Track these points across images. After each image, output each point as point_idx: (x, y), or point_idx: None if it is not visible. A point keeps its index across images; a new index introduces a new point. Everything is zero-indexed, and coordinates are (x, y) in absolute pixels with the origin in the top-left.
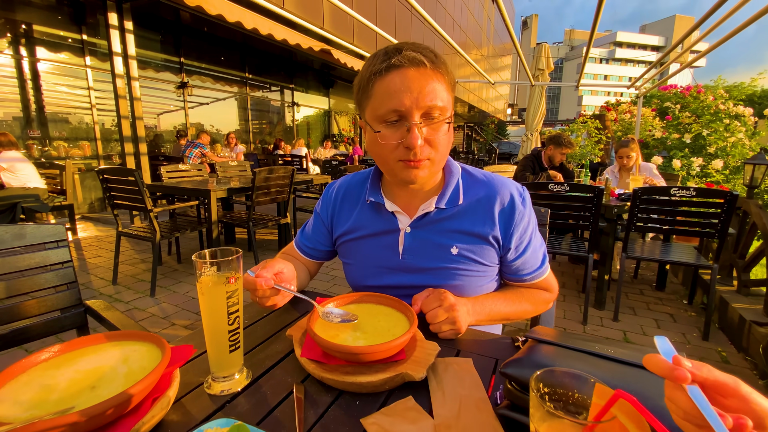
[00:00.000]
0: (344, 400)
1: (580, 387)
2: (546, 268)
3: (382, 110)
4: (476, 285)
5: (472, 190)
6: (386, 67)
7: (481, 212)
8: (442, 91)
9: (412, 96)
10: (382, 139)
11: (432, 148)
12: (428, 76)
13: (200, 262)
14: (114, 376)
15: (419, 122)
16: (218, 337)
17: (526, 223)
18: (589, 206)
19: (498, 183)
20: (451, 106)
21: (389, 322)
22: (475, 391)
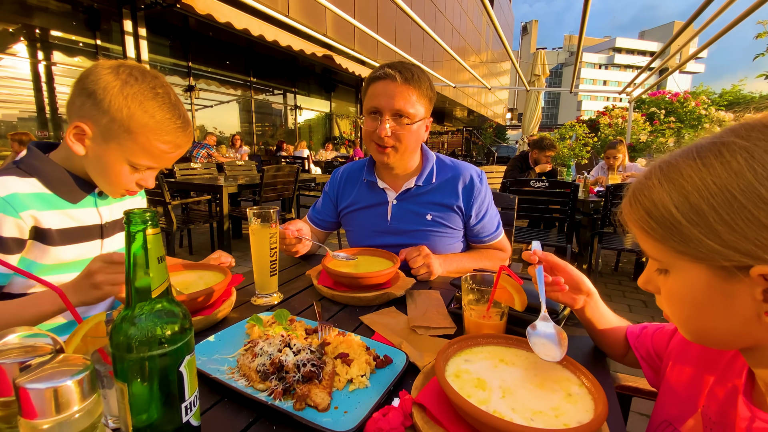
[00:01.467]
0: (348, 309)
1: (490, 283)
2: (500, 232)
3: (368, 105)
4: (446, 244)
5: (442, 173)
6: (376, 77)
7: (449, 188)
8: (411, 101)
9: (387, 99)
10: (364, 125)
11: (396, 140)
12: (401, 89)
13: (251, 212)
14: (198, 285)
15: (388, 119)
16: (262, 264)
17: (483, 197)
18: (566, 201)
19: (462, 167)
20: (422, 113)
21: (379, 264)
22: (437, 304)
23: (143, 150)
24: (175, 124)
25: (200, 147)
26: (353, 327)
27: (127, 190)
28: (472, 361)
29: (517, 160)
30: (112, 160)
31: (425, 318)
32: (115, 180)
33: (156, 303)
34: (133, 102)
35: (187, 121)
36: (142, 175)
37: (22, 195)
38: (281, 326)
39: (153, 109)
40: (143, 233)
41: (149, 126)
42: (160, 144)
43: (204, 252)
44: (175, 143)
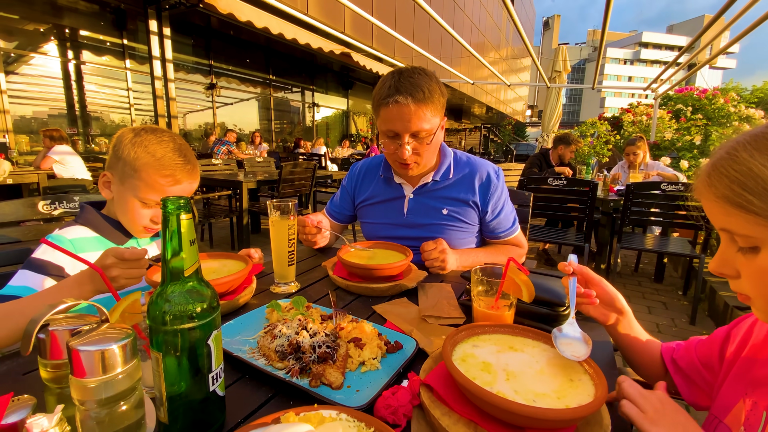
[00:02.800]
0: (362, 299)
1: (497, 276)
2: (516, 228)
3: (383, 128)
4: (460, 238)
5: (459, 169)
6: (385, 102)
7: (466, 184)
8: (427, 118)
9: (402, 124)
10: (383, 147)
11: (418, 155)
12: (414, 111)
13: (271, 205)
14: (222, 272)
15: (408, 141)
16: (281, 254)
17: (500, 193)
18: (585, 199)
19: (479, 164)
20: (438, 123)
21: (392, 256)
22: (448, 296)
23: (147, 185)
24: (174, 161)
25: (221, 144)
26: (366, 315)
27: (145, 227)
28: (479, 347)
29: (536, 157)
30: (126, 198)
31: (436, 308)
32: (132, 216)
33: (188, 282)
34: (140, 147)
35: (190, 160)
36: (154, 212)
37: (82, 239)
38: (298, 312)
39: (154, 149)
40: (177, 217)
41: (150, 163)
42: (160, 178)
43: (224, 245)
44: (174, 178)
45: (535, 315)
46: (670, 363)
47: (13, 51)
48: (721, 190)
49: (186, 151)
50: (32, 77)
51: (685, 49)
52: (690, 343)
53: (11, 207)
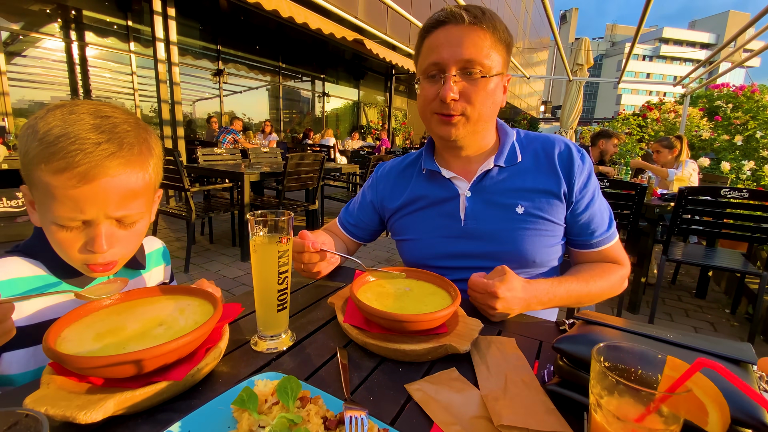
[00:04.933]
0: (387, 366)
1: (644, 365)
2: (614, 233)
3: (424, 64)
4: (546, 245)
5: (529, 148)
6: (434, 24)
7: (543, 167)
8: (485, 47)
9: (451, 49)
10: (421, 92)
11: (468, 103)
12: (469, 31)
13: (253, 220)
14: (172, 324)
15: (454, 75)
16: (268, 295)
17: (587, 177)
18: (630, 204)
19: (555, 137)
20: (499, 65)
21: (430, 294)
22: (520, 368)
23: (44, 192)
24: (74, 144)
25: (226, 132)
26: (397, 406)
27: (88, 265)
28: None
29: None
30: (42, 223)
31: (513, 404)
32: (58, 249)
33: None
34: (31, 133)
35: (117, 140)
36: (82, 236)
37: (21, 280)
38: (287, 416)
39: (48, 130)
40: None
41: (38, 154)
42: (48, 176)
43: (225, 241)
44: (73, 171)
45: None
46: None
47: (19, 32)
48: None
49: (115, 128)
50: (34, 59)
51: (722, 47)
52: None
53: None
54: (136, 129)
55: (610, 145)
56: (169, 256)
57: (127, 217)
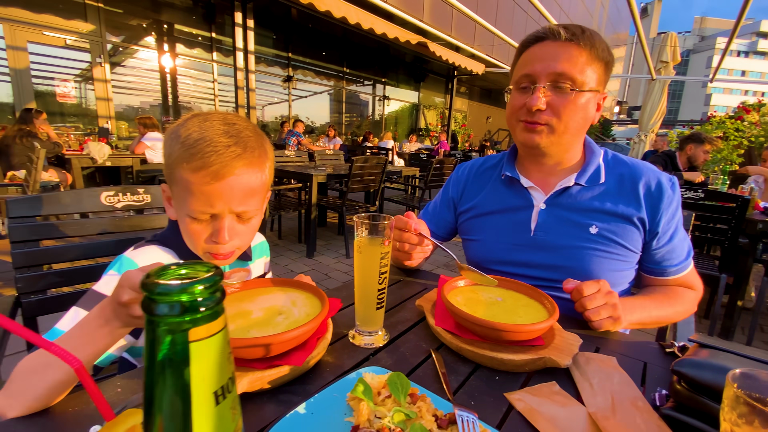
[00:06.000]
0: (483, 373)
1: None
2: (690, 262)
3: (517, 76)
4: (614, 269)
5: (615, 171)
6: (530, 40)
7: (626, 192)
8: (579, 63)
9: (544, 63)
10: (510, 100)
11: (555, 115)
12: (566, 47)
13: (359, 222)
14: (289, 315)
15: (544, 86)
16: (368, 293)
17: (674, 209)
18: (729, 218)
19: (644, 166)
20: (594, 82)
21: (526, 307)
22: (627, 389)
23: (183, 188)
24: (209, 147)
25: (291, 134)
26: (499, 413)
27: (211, 254)
28: None
29: (660, 158)
30: (179, 215)
31: (625, 425)
32: (188, 239)
33: None
34: (175, 138)
35: (243, 143)
36: (209, 228)
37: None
38: (400, 408)
39: (189, 135)
40: (181, 337)
41: (181, 156)
42: (190, 175)
43: (291, 237)
44: (209, 170)
45: None
46: None
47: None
48: None
49: (240, 134)
50: (132, 69)
51: None
52: None
53: (71, 197)
54: (256, 135)
55: (701, 151)
56: (268, 249)
57: (245, 213)
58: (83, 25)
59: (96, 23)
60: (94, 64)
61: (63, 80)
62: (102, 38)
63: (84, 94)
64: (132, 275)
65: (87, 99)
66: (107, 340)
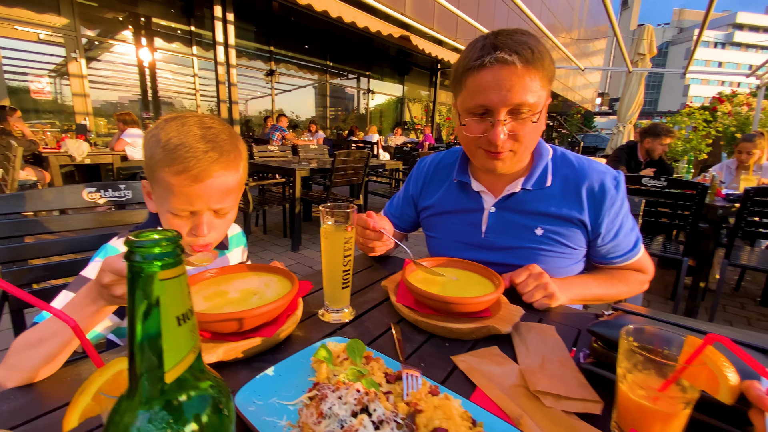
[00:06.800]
0: (435, 341)
1: (668, 345)
2: (638, 250)
3: (470, 104)
4: (560, 266)
5: (560, 173)
6: (477, 65)
7: (570, 196)
8: (535, 87)
9: (501, 94)
10: (467, 131)
11: (516, 141)
12: (520, 75)
13: (325, 211)
14: (263, 295)
15: (504, 119)
16: (334, 275)
17: (618, 208)
18: (690, 205)
19: (589, 168)
20: (545, 99)
21: (477, 283)
22: (557, 350)
23: (164, 188)
24: (189, 152)
25: (275, 129)
26: (444, 372)
27: (191, 246)
28: None
29: (623, 151)
30: (160, 212)
31: (551, 377)
32: None
33: (173, 389)
34: (155, 141)
35: (219, 147)
36: (189, 222)
37: None
38: (356, 367)
39: (168, 139)
40: (150, 278)
41: (162, 160)
42: (172, 178)
43: (277, 232)
44: (189, 174)
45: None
46: None
47: (96, 38)
48: None
49: (216, 138)
50: (110, 63)
51: None
52: None
53: (53, 194)
54: (230, 137)
55: (657, 144)
56: (245, 239)
57: (222, 209)
58: (56, 18)
59: (70, 17)
60: (69, 59)
61: (37, 76)
62: (77, 32)
63: (59, 90)
64: (112, 260)
65: (63, 95)
66: (94, 316)
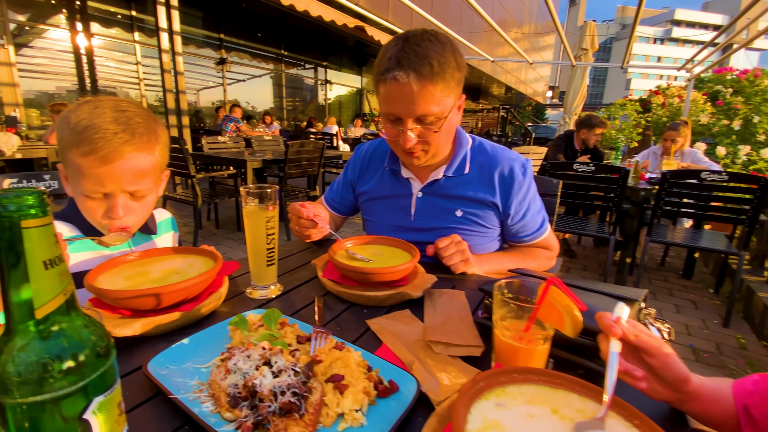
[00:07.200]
0: (355, 308)
1: (532, 294)
2: (545, 230)
3: (383, 109)
4: (478, 244)
5: (476, 161)
6: (384, 78)
7: (485, 181)
8: (437, 98)
9: (405, 106)
10: (384, 131)
11: (426, 143)
12: (420, 90)
13: (245, 192)
14: (184, 274)
15: (412, 127)
16: (258, 253)
17: (525, 192)
18: (615, 188)
19: (501, 155)
20: (452, 102)
21: (395, 256)
22: (462, 310)
23: (75, 170)
24: (97, 133)
25: (228, 120)
26: (358, 333)
27: (108, 229)
28: (505, 406)
29: (561, 140)
30: (74, 194)
31: (445, 329)
32: (85, 214)
33: (45, 325)
34: (65, 123)
35: (130, 129)
36: (103, 204)
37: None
38: (269, 331)
39: (78, 121)
40: (15, 228)
41: (70, 141)
42: (80, 159)
43: (230, 225)
44: (97, 155)
45: (574, 346)
46: (743, 412)
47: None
48: None
49: (129, 120)
50: (42, 50)
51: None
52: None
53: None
54: (147, 121)
55: (591, 135)
56: (176, 226)
57: (138, 191)
58: None
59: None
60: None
61: None
62: (4, 17)
63: None
64: None
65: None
66: None
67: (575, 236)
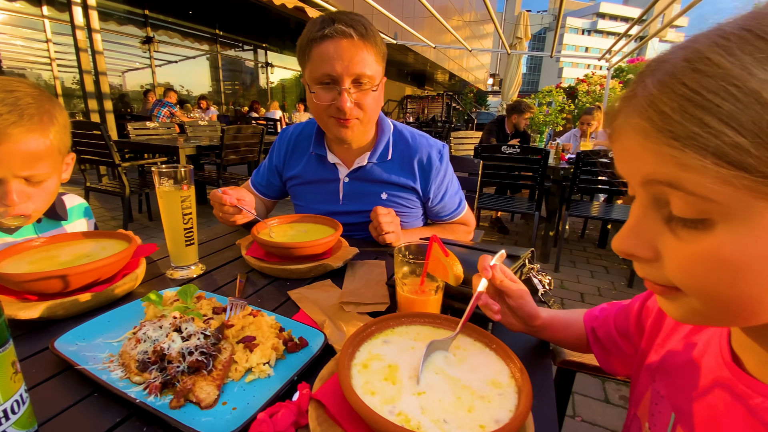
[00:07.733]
0: (278, 282)
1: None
2: (462, 208)
3: (317, 73)
4: (403, 221)
5: (398, 147)
6: (321, 36)
7: (406, 166)
8: (371, 61)
9: (343, 64)
10: (316, 99)
11: (361, 110)
12: (358, 47)
13: (157, 172)
14: (95, 257)
15: (349, 88)
16: (176, 233)
17: (443, 176)
18: (537, 168)
19: (420, 143)
20: (380, 75)
21: (321, 233)
22: (378, 277)
23: None
24: None
25: (161, 105)
26: (278, 303)
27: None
28: (391, 342)
29: (494, 124)
30: None
31: (358, 293)
32: None
33: None
34: None
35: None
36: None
37: None
38: (185, 305)
39: None
40: None
41: None
42: None
43: None
44: None
45: (464, 296)
46: (590, 333)
47: None
48: (675, 118)
49: (18, 101)
50: None
51: (636, 21)
52: (610, 312)
53: None
54: (39, 101)
55: (521, 119)
56: (91, 212)
57: (34, 176)
58: None
59: None
60: None
61: None
62: None
63: None
64: None
65: None
66: None
67: (508, 214)
